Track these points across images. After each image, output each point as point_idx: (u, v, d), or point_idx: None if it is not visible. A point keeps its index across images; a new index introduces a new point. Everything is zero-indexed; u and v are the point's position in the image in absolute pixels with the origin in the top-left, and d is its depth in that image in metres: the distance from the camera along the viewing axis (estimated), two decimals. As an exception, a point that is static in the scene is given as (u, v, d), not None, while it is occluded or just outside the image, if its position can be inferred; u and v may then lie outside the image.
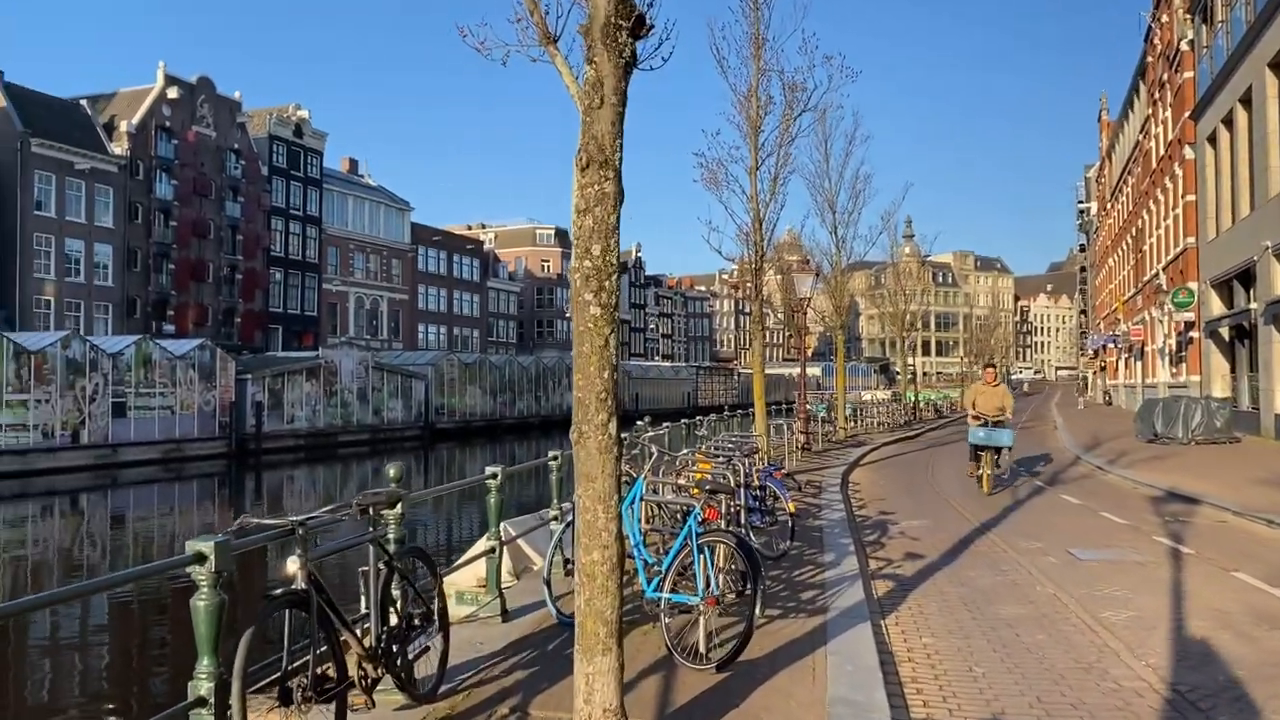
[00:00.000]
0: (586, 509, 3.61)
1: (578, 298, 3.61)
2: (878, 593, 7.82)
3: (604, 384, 3.58)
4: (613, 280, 3.60)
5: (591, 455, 3.59)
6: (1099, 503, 13.37)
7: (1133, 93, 46.72)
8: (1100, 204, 67.30)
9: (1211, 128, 28.57)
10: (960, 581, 8.25)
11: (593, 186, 3.53)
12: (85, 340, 33.09)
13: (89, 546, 21.69)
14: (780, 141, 15.57)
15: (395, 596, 4.47)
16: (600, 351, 3.55)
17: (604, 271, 3.57)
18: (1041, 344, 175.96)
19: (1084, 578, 8.30)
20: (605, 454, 3.58)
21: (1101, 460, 19.22)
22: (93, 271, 49.09)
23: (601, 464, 3.57)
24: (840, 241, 26.34)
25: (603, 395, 3.58)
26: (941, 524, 11.74)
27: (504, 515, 6.70)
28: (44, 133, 46.46)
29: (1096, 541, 10.17)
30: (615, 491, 3.62)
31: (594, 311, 3.56)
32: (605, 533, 3.60)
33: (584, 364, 3.58)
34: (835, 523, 11.21)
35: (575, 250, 3.62)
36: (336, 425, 43.99)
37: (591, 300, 3.55)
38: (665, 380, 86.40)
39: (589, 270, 3.57)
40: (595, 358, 3.57)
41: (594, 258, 3.55)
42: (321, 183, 65.40)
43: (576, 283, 3.59)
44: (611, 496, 3.60)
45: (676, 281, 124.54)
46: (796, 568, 8.38)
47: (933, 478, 17.85)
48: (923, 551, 9.79)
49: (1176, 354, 35.16)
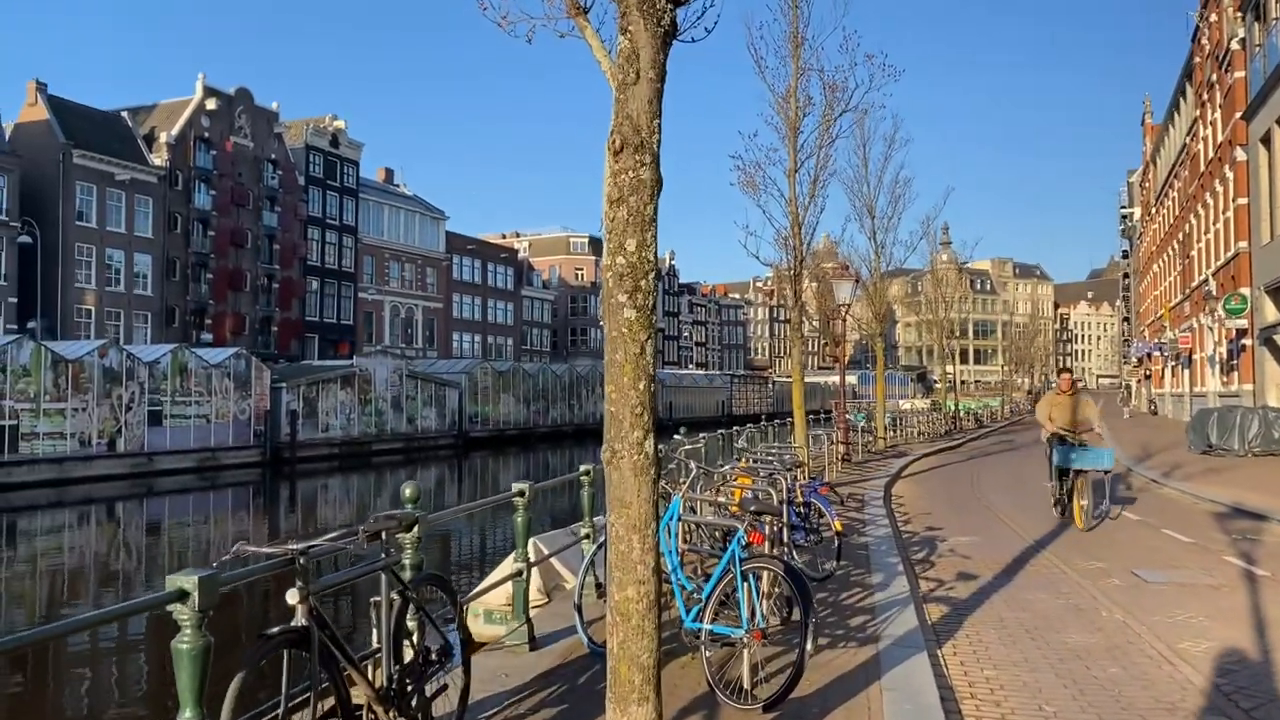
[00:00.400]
0: (620, 538, 3.19)
1: (610, 299, 3.20)
2: (931, 618, 7.31)
3: (639, 396, 3.17)
4: (650, 280, 3.19)
5: (626, 478, 3.17)
6: (1159, 519, 12.70)
7: (1179, 95, 45.57)
8: (1144, 209, 65.84)
9: (1265, 128, 27.61)
10: (1019, 605, 7.71)
11: (627, 173, 3.12)
12: (122, 349, 33.30)
13: (124, 555, 21.64)
14: (820, 143, 15.11)
15: (411, 629, 4.07)
16: (635, 360, 3.14)
17: (640, 270, 3.16)
18: (1082, 352, 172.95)
19: (1153, 602, 7.73)
20: (641, 476, 3.16)
21: (1156, 473, 18.45)
22: (132, 281, 49.62)
23: (637, 487, 3.16)
24: (879, 247, 25.75)
25: (638, 409, 3.16)
26: (992, 541, 11.17)
27: (537, 528, 6.31)
28: (85, 144, 47.09)
29: (1162, 562, 9.56)
30: (653, 518, 3.20)
31: (628, 315, 3.14)
32: (641, 566, 3.17)
33: (617, 374, 3.17)
34: (881, 539, 10.69)
35: (607, 246, 3.21)
36: (371, 434, 43.98)
37: (626, 302, 3.14)
38: (700, 389, 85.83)
39: (623, 268, 3.16)
40: (630, 367, 3.15)
41: (628, 254, 3.14)
42: (357, 192, 65.77)
43: (609, 283, 3.18)
44: (649, 525, 3.18)
45: (710, 289, 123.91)
46: (843, 590, 7.89)
47: (979, 491, 17.20)
48: (975, 571, 9.25)
49: (1228, 362, 34.04)
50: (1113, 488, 17.06)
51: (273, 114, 58.91)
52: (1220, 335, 34.35)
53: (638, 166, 3.12)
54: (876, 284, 27.45)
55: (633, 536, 3.17)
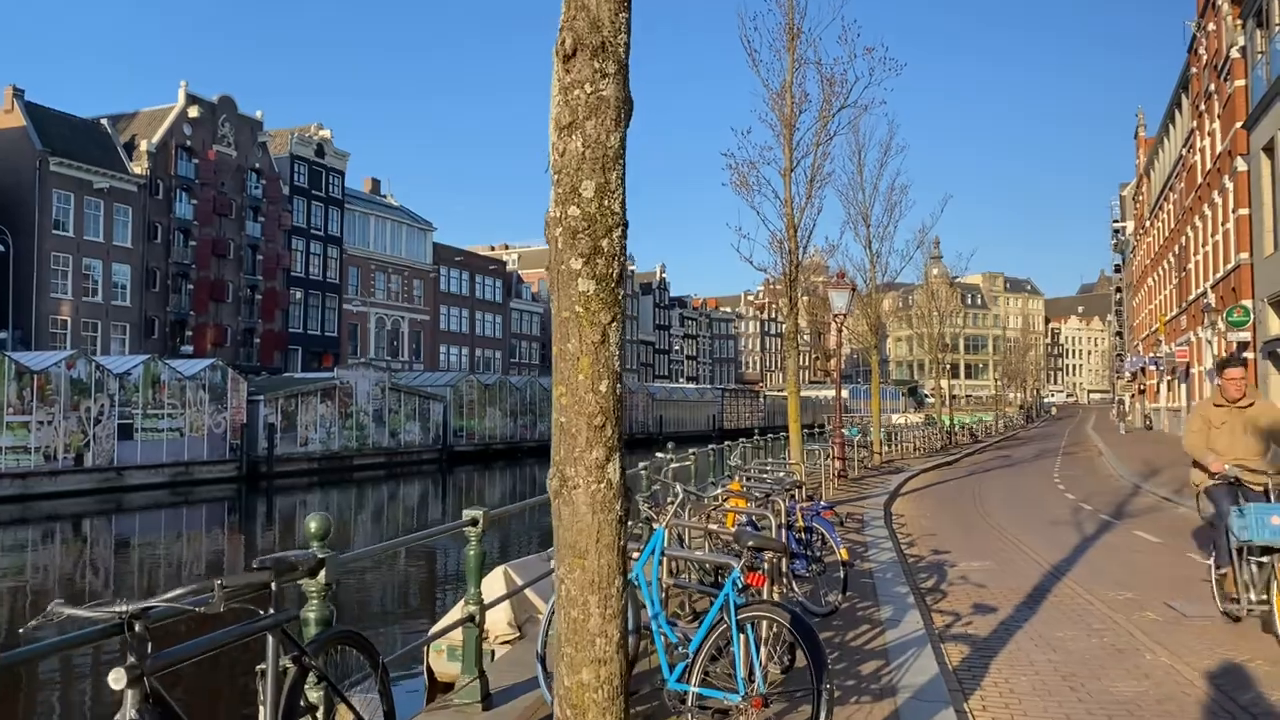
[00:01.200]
0: (572, 600, 2.30)
1: (559, 267, 2.33)
2: (951, 661, 6.40)
3: (600, 402, 2.29)
4: (615, 239, 2.31)
5: (581, 515, 2.29)
6: (1181, 541, 11.84)
7: (1174, 106, 45.13)
8: (1138, 222, 65.48)
9: (1268, 137, 26.98)
10: (1049, 645, 6.82)
11: (583, 87, 2.25)
12: (91, 360, 32.20)
13: (90, 574, 20.57)
14: (817, 140, 14.30)
15: (314, 704, 3.15)
16: (595, 351, 2.27)
17: (600, 224, 2.29)
18: (1073, 366, 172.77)
19: (1198, 641, 6.84)
20: (603, 513, 2.28)
21: (1166, 490, 17.62)
22: (110, 291, 48.53)
23: (597, 529, 2.27)
24: (875, 256, 24.95)
25: (599, 420, 2.28)
26: (1007, 566, 10.29)
27: (521, 550, 5.39)
28: (63, 151, 46.09)
29: (1197, 591, 8.66)
30: (618, 572, 2.31)
31: (584, 287, 2.27)
32: (602, 639, 2.28)
33: (569, 370, 2.30)
34: (886, 566, 9.79)
35: (555, 192, 2.33)
36: (352, 448, 42.88)
37: (581, 270, 2.27)
38: (690, 402, 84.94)
39: (577, 222, 2.29)
40: (587, 360, 2.27)
41: (584, 202, 2.27)
42: (343, 203, 64.85)
43: (557, 244, 2.31)
44: (612, 581, 2.29)
45: (701, 302, 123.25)
46: (850, 627, 6.98)
47: (984, 509, 16.32)
48: (993, 602, 8.36)
49: (1229, 376, 33.32)
50: (1122, 505, 16.25)
51: (256, 123, 58.00)
52: (1220, 348, 33.65)
53: (597, 78, 2.25)
54: (872, 294, 26.63)
55: (590, 598, 2.28)
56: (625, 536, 2.32)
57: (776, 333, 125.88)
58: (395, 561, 18.32)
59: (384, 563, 17.99)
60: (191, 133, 53.30)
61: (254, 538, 26.74)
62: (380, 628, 13.99)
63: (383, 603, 15.97)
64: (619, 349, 2.30)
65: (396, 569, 17.98)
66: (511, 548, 18.37)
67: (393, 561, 18.24)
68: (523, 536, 20.39)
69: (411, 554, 19.37)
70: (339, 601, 3.76)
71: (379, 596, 16.41)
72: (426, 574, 18.55)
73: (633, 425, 71.61)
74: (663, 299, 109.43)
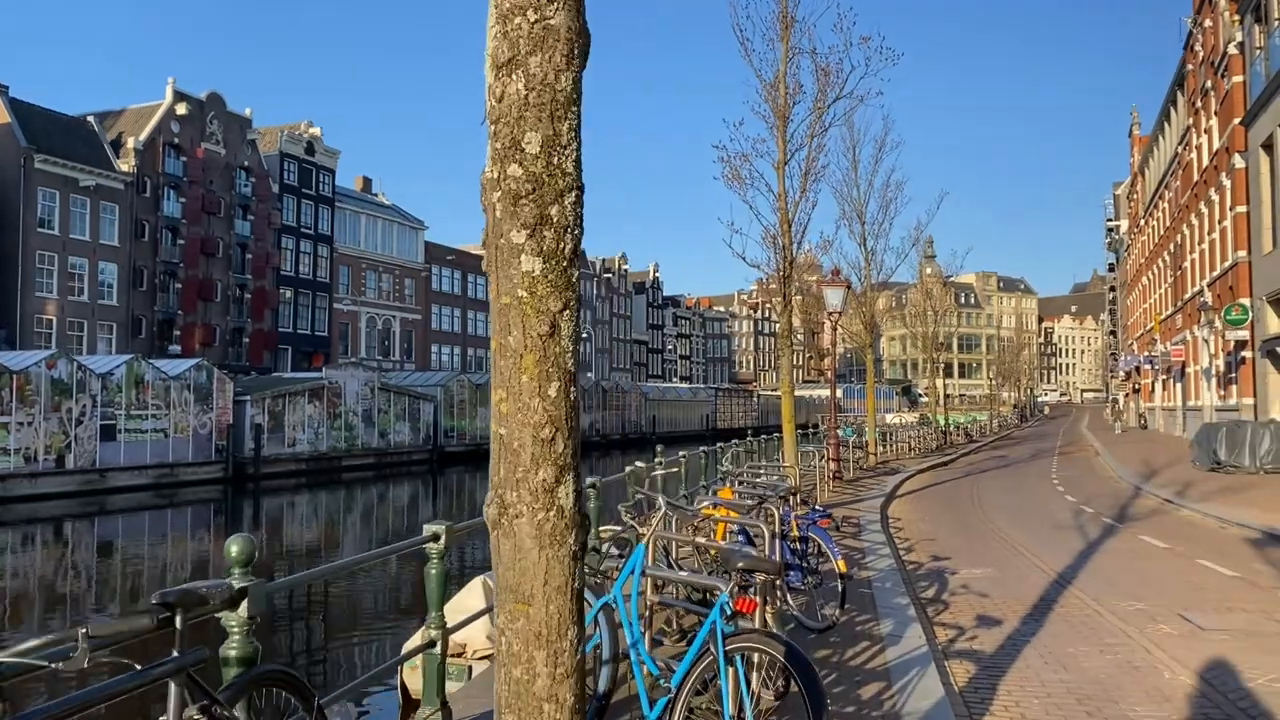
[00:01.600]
0: (515, 656, 1.86)
1: (497, 240, 1.89)
2: (958, 681, 5.97)
3: (548, 410, 1.85)
4: (567, 207, 1.87)
5: (525, 552, 1.85)
6: (1189, 546, 11.44)
7: (1169, 104, 44.81)
8: (1132, 221, 65.22)
9: (1267, 132, 26.67)
10: (1060, 663, 6.39)
11: (525, 14, 1.81)
12: (72, 359, 31.59)
13: (71, 579, 20.04)
14: (811, 132, 13.86)
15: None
16: (542, 346, 1.83)
17: (549, 186, 1.85)
18: (1066, 365, 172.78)
19: (1220, 658, 6.42)
20: (551, 548, 1.84)
21: (1168, 492, 17.24)
22: (97, 290, 47.89)
23: (544, 569, 1.83)
24: (870, 254, 24.53)
25: (546, 432, 1.84)
26: (1009, 574, 9.88)
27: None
28: (48, 149, 45.44)
29: (1211, 601, 8.27)
30: (574, 621, 1.87)
31: (528, 266, 1.83)
32: (551, 705, 1.83)
33: (511, 370, 1.86)
34: (884, 574, 9.36)
35: (492, 147, 1.89)
36: (340, 449, 42.33)
37: (525, 243, 1.83)
38: (683, 402, 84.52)
39: (519, 184, 1.85)
40: (532, 358, 1.83)
41: (528, 159, 1.83)
42: (334, 201, 64.23)
43: (495, 211, 1.87)
44: (564, 633, 1.85)
45: (695, 302, 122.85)
46: (849, 644, 6.55)
47: (984, 512, 15.91)
48: (997, 614, 7.94)
49: (1225, 375, 33.01)
50: (1123, 508, 15.85)
51: (245, 120, 57.37)
52: (1217, 347, 33.32)
53: (542, 3, 1.81)
54: (867, 293, 26.22)
55: (536, 654, 1.83)
56: (581, 577, 1.87)
57: (770, 332, 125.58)
58: (382, 564, 17.83)
59: (369, 566, 17.49)
60: (179, 130, 52.67)
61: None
62: (355, 638, 13.53)
63: (358, 611, 15.49)
64: (575, 343, 1.86)
65: (375, 574, 17.50)
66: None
67: (383, 564, 17.76)
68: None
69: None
70: (330, 610, 3.30)
71: (356, 605, 15.92)
72: (415, 575, 18.04)
73: (625, 425, 71.15)
74: (656, 298, 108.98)
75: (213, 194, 54.06)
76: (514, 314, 1.84)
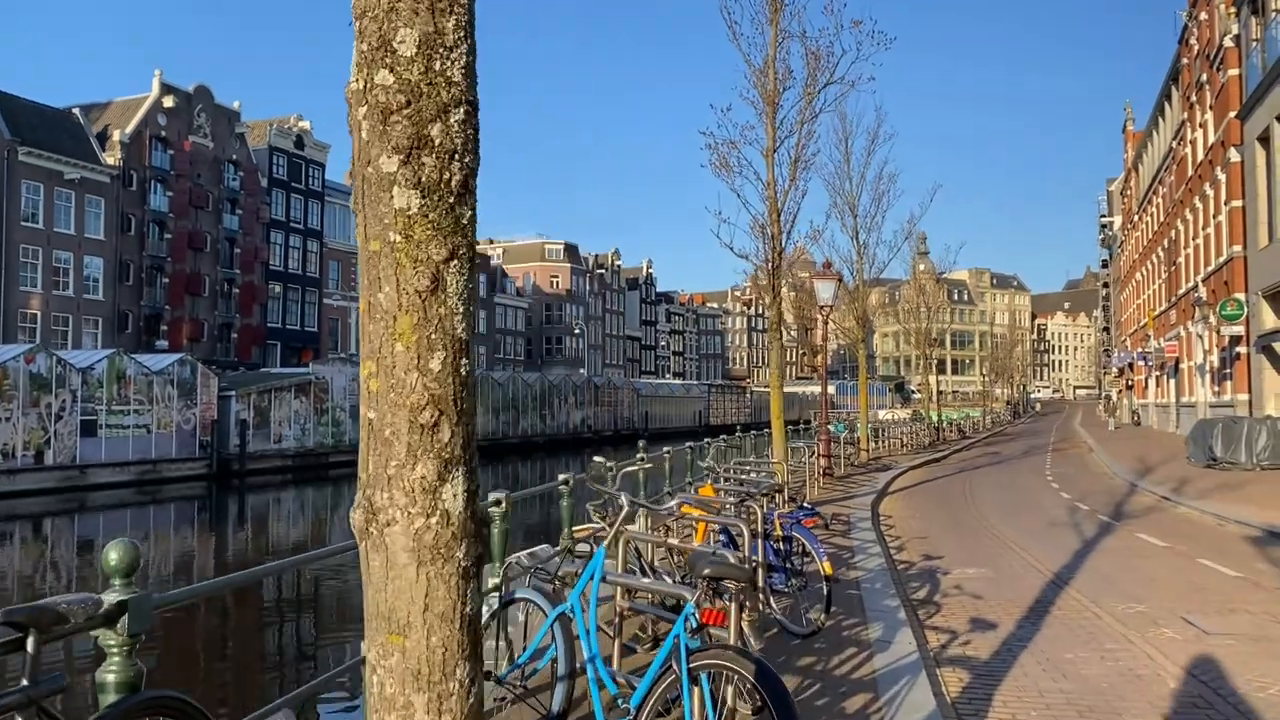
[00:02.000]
0: (388, 701, 1.48)
1: (364, 169, 1.50)
2: (950, 692, 5.60)
3: (430, 388, 1.47)
4: (453, 126, 1.48)
5: (398, 569, 1.48)
6: (1188, 545, 11.10)
7: (1164, 98, 44.53)
8: (1126, 217, 65.04)
9: (1264, 125, 26.37)
10: (1059, 670, 6.03)
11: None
12: (52, 354, 31.06)
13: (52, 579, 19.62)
14: (801, 119, 13.45)
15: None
16: (421, 305, 1.45)
17: (428, 99, 1.47)
18: (1059, 362, 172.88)
19: (1227, 665, 6.07)
20: (434, 564, 1.47)
21: (1164, 489, 16.91)
22: (82, 285, 47.33)
23: (424, 589, 1.45)
24: (862, 248, 24.16)
25: (428, 416, 1.47)
26: (1004, 573, 9.52)
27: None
28: (33, 141, 44.87)
29: (1214, 604, 7.92)
30: (463, 657, 1.47)
31: (403, 201, 1.45)
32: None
33: (383, 338, 1.48)
34: (874, 574, 9.00)
35: (357, 51, 1.49)
36: (327, 445, 41.85)
37: (397, 173, 1.45)
38: (676, 398, 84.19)
39: (389, 96, 1.46)
40: (409, 321, 1.45)
41: (402, 64, 1.44)
42: (323, 195, 63.66)
43: (362, 131, 1.48)
44: (451, 673, 1.45)
45: (688, 298, 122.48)
46: (834, 651, 6.18)
47: (977, 509, 15.57)
48: (991, 617, 7.58)
49: (1220, 371, 32.76)
50: (1120, 505, 15.53)
51: (234, 113, 56.79)
52: (1211, 343, 33.07)
53: None
54: (860, 288, 25.84)
55: (415, 699, 1.44)
56: (476, 600, 1.49)
57: (763, 328, 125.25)
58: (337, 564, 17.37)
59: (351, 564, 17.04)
60: (166, 123, 52.08)
61: (224, 539, 25.81)
62: (326, 640, 13.13)
63: (324, 610, 15.07)
64: (468, 304, 1.47)
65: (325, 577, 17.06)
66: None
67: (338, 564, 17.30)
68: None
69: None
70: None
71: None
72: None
73: (617, 422, 70.78)
74: (649, 294, 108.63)
75: (200, 188, 53.49)
76: (385, 264, 1.45)
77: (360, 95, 1.47)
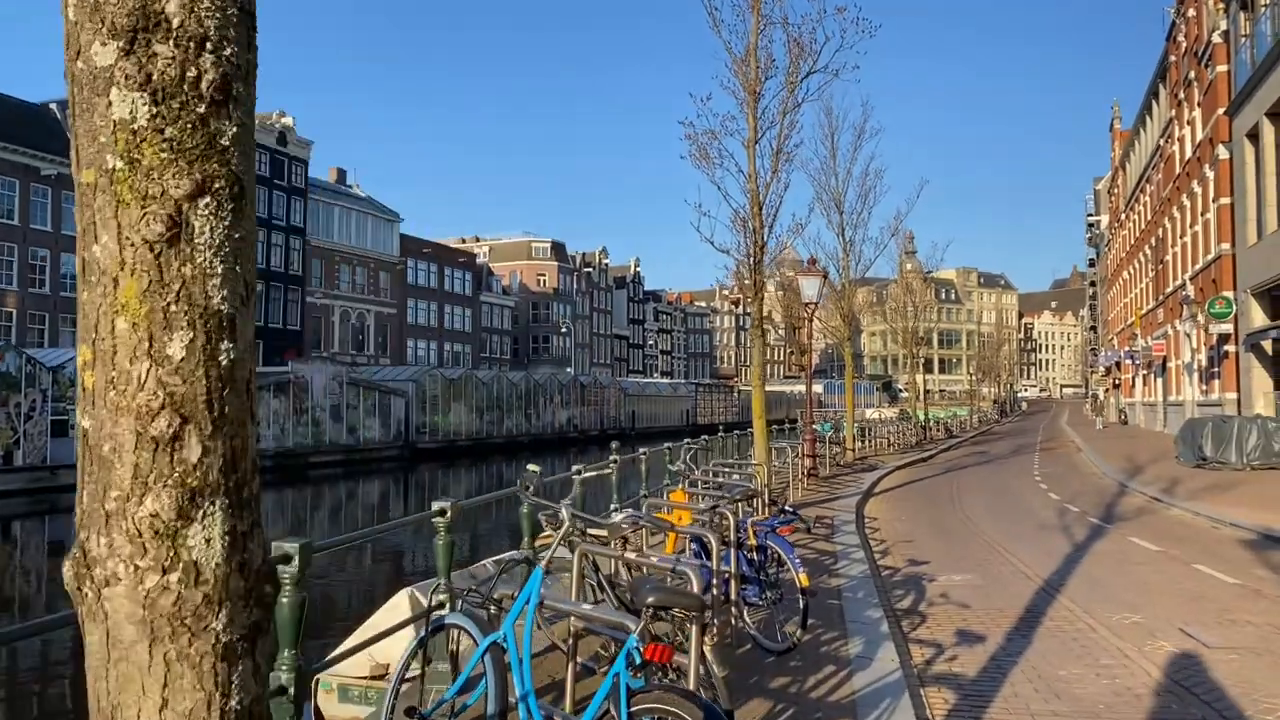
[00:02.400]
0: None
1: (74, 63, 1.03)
2: (934, 715, 5.18)
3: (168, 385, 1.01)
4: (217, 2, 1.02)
5: (122, 647, 1.00)
6: (1181, 548, 10.73)
7: (1151, 96, 44.36)
8: (1113, 215, 64.96)
9: (1252, 122, 26.10)
10: (1051, 689, 5.61)
11: None
12: (21, 352, 30.37)
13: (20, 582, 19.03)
14: (784, 109, 13.01)
15: None
16: (155, 263, 0.99)
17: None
18: (1046, 361, 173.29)
19: (1230, 682, 5.66)
20: (175, 640, 1.00)
21: (1154, 490, 16.58)
22: (59, 283, 46.57)
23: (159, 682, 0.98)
24: (848, 245, 23.77)
25: (164, 424, 1.01)
26: (993, 580, 9.12)
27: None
28: (8, 136, 44.13)
29: (1213, 613, 7.53)
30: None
31: (124, 110, 0.96)
32: None
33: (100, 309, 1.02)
34: (857, 582, 8.58)
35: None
36: (307, 445, 41.21)
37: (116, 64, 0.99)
38: (663, 397, 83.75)
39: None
40: (135, 285, 0.99)
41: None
42: (306, 192, 62.94)
43: (69, 14, 1.02)
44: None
45: (676, 297, 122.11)
46: (811, 669, 5.74)
47: (964, 512, 15.18)
48: (979, 629, 7.16)
49: (1207, 369, 32.55)
50: (1110, 506, 15.18)
51: (214, 108, 56.08)
52: (1199, 341, 32.87)
53: None
54: (846, 286, 25.46)
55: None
56: (258, 688, 1.04)
57: (749, 322, 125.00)
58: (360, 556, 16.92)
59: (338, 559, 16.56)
60: (144, 118, 51.39)
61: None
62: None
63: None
64: (239, 263, 1.03)
65: (342, 571, 16.58)
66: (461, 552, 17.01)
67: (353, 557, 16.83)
68: (490, 536, 19.04)
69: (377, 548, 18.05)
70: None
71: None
72: (393, 569, 17.13)
73: (604, 421, 70.25)
74: (637, 293, 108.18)
75: (180, 184, 52.81)
76: (102, 201, 1.00)
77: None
